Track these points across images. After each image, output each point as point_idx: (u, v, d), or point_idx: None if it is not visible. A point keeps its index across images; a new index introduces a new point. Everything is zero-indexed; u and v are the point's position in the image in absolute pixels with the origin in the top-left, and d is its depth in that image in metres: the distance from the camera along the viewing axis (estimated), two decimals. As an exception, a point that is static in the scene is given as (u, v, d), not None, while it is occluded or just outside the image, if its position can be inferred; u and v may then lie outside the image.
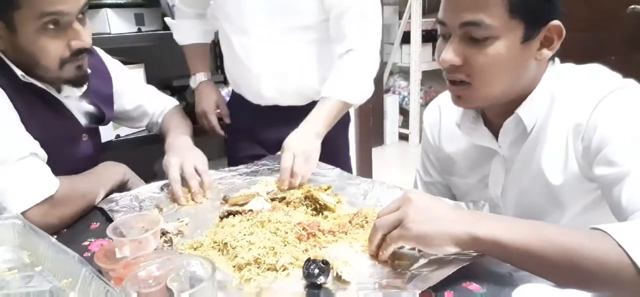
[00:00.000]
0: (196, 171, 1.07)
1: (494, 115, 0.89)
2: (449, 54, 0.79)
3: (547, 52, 0.79)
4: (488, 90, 0.81)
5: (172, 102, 1.38)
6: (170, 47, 1.46)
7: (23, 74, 0.95)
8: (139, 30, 1.84)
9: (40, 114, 0.99)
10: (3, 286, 0.68)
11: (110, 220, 0.95)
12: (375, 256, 0.74)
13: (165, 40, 1.56)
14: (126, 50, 1.77)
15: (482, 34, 0.76)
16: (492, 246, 0.65)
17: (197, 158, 1.10)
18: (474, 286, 0.67)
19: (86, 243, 0.89)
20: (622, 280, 0.61)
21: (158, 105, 1.34)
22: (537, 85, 0.82)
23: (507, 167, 0.90)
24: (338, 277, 0.67)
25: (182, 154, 1.10)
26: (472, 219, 0.67)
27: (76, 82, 1.02)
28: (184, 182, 1.05)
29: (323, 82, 1.26)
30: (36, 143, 0.94)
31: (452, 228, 0.66)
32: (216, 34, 1.50)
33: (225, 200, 1.00)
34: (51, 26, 0.91)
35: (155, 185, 1.12)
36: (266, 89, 1.34)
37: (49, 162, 0.95)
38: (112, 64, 1.24)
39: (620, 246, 0.61)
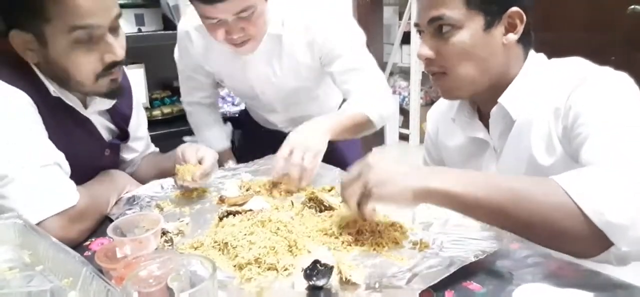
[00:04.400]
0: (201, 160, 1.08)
1: (484, 107, 0.94)
2: (423, 49, 0.88)
3: (512, 36, 0.85)
4: (461, 76, 0.87)
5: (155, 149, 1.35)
6: (170, 48, 1.46)
7: (54, 89, 0.94)
8: (139, 30, 1.84)
9: (67, 128, 0.98)
10: (4, 285, 0.68)
11: (110, 219, 0.95)
12: (350, 231, 0.80)
13: (166, 41, 1.57)
14: (126, 51, 1.77)
15: (447, 27, 0.84)
16: (446, 197, 0.70)
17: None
18: (474, 286, 0.67)
19: (87, 242, 0.89)
20: (567, 221, 0.64)
21: (147, 146, 1.30)
22: (517, 74, 0.88)
23: (497, 157, 0.93)
24: (347, 281, 0.67)
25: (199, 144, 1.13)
26: (427, 174, 0.73)
27: (111, 95, 1.01)
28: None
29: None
30: (62, 155, 0.91)
31: (408, 184, 0.71)
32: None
33: (222, 200, 1.00)
34: (83, 40, 0.88)
35: (156, 183, 1.12)
36: (286, 129, 1.46)
37: (71, 177, 0.92)
38: (132, 87, 1.22)
39: (561, 187, 0.65)
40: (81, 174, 0.96)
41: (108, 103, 1.05)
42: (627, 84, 0.77)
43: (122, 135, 1.15)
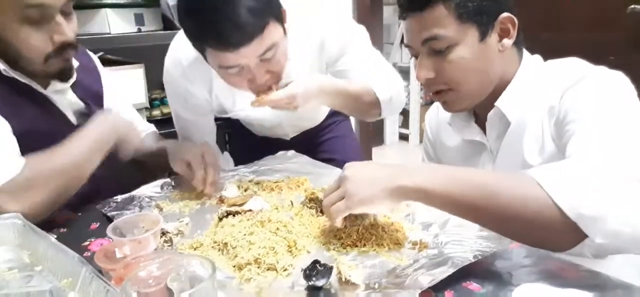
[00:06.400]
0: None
1: (481, 110, 0.94)
2: (422, 71, 0.87)
3: (507, 42, 0.85)
4: (467, 90, 0.87)
5: (151, 127, 1.34)
6: (171, 47, 1.47)
7: (6, 68, 0.93)
8: (139, 30, 1.84)
9: (24, 108, 0.97)
10: (3, 285, 0.68)
11: (110, 220, 0.94)
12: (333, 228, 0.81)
13: (165, 40, 1.57)
14: (126, 51, 1.77)
15: (442, 45, 0.83)
16: (418, 194, 0.71)
17: (215, 154, 1.09)
18: (474, 286, 0.67)
19: (86, 243, 0.89)
20: (540, 214, 0.63)
21: (143, 128, 1.29)
22: (513, 77, 0.88)
23: (494, 159, 0.93)
24: (346, 282, 0.67)
25: (201, 145, 1.09)
26: (400, 173, 0.73)
27: (62, 76, 1.01)
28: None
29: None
30: (4, 123, 0.90)
31: (383, 185, 0.72)
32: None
33: (221, 200, 1.00)
34: (33, 19, 0.89)
35: (155, 184, 1.12)
36: (293, 134, 1.44)
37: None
38: (101, 66, 1.22)
39: (535, 181, 0.64)
40: None
41: (64, 84, 1.04)
42: (620, 82, 0.77)
43: (90, 112, 1.10)
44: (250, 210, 0.90)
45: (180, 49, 1.17)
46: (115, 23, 1.76)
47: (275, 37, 0.96)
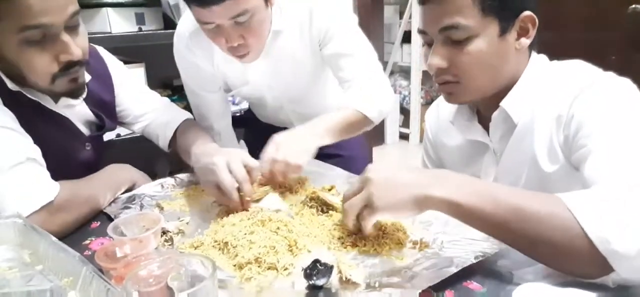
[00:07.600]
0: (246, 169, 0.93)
1: (485, 110, 0.93)
2: (435, 59, 0.84)
3: (525, 41, 0.83)
4: (476, 85, 0.85)
5: (183, 114, 1.27)
6: (171, 47, 1.47)
7: (13, 84, 0.91)
8: (140, 29, 1.84)
9: (37, 125, 0.94)
10: (4, 285, 0.68)
11: (110, 219, 0.95)
12: (352, 232, 0.79)
13: (166, 40, 1.57)
14: (127, 50, 1.77)
15: (462, 36, 0.81)
16: (448, 206, 0.68)
17: (243, 154, 0.96)
18: (474, 285, 0.67)
19: (87, 242, 0.89)
20: (570, 243, 0.62)
21: (163, 114, 1.25)
22: (519, 78, 0.87)
23: (497, 160, 0.92)
24: (347, 281, 0.67)
25: (224, 152, 0.96)
26: (429, 181, 0.70)
27: (72, 94, 0.97)
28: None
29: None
30: (36, 148, 0.90)
31: (411, 193, 0.70)
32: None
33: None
34: (36, 40, 0.84)
35: (156, 183, 1.12)
36: (298, 124, 1.42)
37: (49, 173, 0.91)
38: (115, 67, 1.19)
39: (568, 209, 0.62)
40: (60, 170, 0.93)
41: (74, 101, 1.02)
42: (629, 91, 0.76)
43: (102, 125, 1.11)
44: (261, 209, 0.89)
45: (184, 22, 1.24)
46: (116, 22, 1.76)
47: (251, 3, 1.01)
